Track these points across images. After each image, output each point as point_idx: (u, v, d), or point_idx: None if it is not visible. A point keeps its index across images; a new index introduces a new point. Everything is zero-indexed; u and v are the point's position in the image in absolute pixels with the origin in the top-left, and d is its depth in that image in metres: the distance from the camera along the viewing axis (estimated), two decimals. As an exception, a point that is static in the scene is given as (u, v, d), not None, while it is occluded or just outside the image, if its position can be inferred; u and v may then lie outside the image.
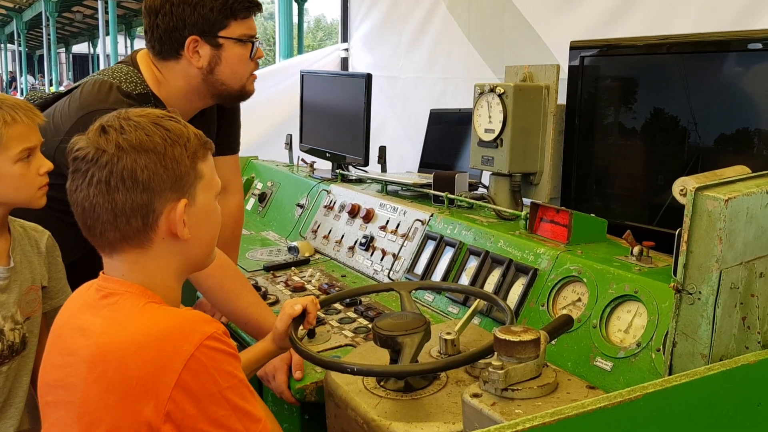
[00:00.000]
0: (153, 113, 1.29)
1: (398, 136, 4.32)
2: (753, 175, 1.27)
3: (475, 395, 1.24)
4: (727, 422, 1.12)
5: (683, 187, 1.19)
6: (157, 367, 1.14)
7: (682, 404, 1.05)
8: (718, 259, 1.14)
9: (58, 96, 2.04)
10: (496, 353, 1.25)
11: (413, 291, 1.85)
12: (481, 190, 2.63)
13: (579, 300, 1.79)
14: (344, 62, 4.81)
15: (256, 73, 2.06)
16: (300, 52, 18.20)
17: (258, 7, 1.96)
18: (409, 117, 4.23)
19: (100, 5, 16.50)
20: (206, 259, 1.39)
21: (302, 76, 3.48)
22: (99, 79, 1.91)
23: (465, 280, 2.10)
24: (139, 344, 1.16)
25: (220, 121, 2.21)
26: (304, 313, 1.66)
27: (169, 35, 1.91)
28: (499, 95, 2.28)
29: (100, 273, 1.31)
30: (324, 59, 4.83)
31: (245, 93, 2.03)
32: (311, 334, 1.96)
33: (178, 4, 1.87)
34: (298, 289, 2.39)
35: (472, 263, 2.12)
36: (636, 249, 1.82)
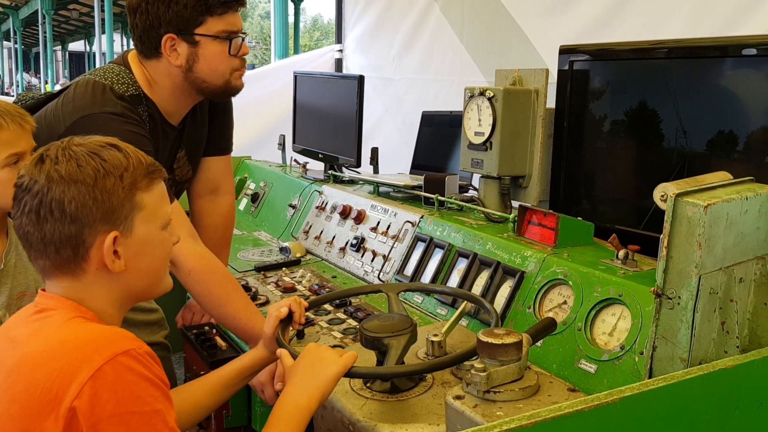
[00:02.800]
0: (95, 142, 1.28)
1: (392, 137, 4.34)
2: (733, 181, 1.29)
3: (458, 397, 1.26)
4: (704, 426, 1.13)
5: (664, 193, 1.21)
6: (63, 377, 1.10)
7: (659, 408, 1.07)
8: (697, 265, 1.16)
9: (51, 96, 2.04)
10: (479, 355, 1.27)
11: (401, 293, 1.86)
12: (471, 192, 2.65)
13: (565, 303, 1.80)
14: (338, 63, 4.82)
15: (249, 72, 2.05)
16: (296, 51, 18.23)
17: (238, 2, 1.92)
18: (403, 118, 4.25)
19: (96, 3, 16.47)
20: (150, 291, 1.37)
21: (295, 77, 3.49)
22: (91, 80, 1.91)
23: (454, 281, 2.12)
24: (52, 353, 1.14)
25: (212, 122, 2.21)
26: (291, 315, 1.66)
27: (147, 34, 1.90)
28: (489, 99, 2.29)
29: (39, 290, 1.31)
30: (318, 60, 4.84)
31: (231, 89, 2.00)
32: (300, 335, 1.97)
33: (153, 2, 1.86)
34: (289, 290, 2.40)
35: (461, 265, 2.13)
36: (621, 252, 1.83)
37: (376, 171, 3.20)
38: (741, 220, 1.21)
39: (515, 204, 2.43)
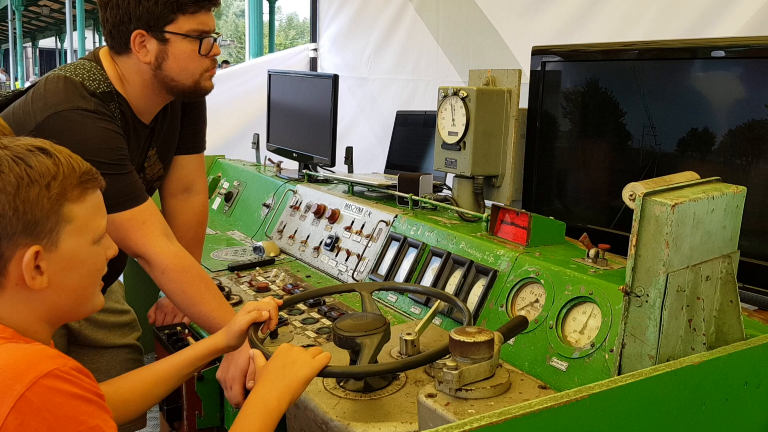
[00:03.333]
0: (24, 145, 1.18)
1: (367, 136, 4.35)
2: (701, 181, 1.31)
3: (430, 395, 1.26)
4: (672, 422, 1.15)
5: (632, 192, 1.23)
6: None
7: (627, 404, 1.09)
8: (665, 263, 1.17)
9: (19, 93, 2.01)
10: (451, 354, 1.28)
11: (374, 292, 1.87)
12: (445, 192, 2.66)
13: (537, 301, 1.82)
14: (313, 62, 4.81)
15: (223, 71, 2.03)
16: (271, 50, 18.18)
17: (211, 2, 1.90)
18: (378, 117, 4.26)
19: (67, 1, 16.27)
20: (77, 310, 1.28)
21: (270, 76, 3.48)
22: (62, 76, 1.88)
23: (428, 280, 2.12)
24: None
25: (184, 120, 2.19)
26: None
27: (117, 29, 1.87)
28: (462, 99, 2.31)
29: None
30: (293, 59, 4.83)
31: (200, 89, 1.97)
32: (274, 334, 1.97)
33: None
34: (262, 290, 2.39)
35: (435, 264, 2.14)
36: (592, 251, 1.85)
37: (350, 170, 3.20)
38: (708, 219, 1.23)
39: (489, 203, 2.45)
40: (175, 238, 1.92)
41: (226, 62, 16.05)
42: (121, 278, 2.43)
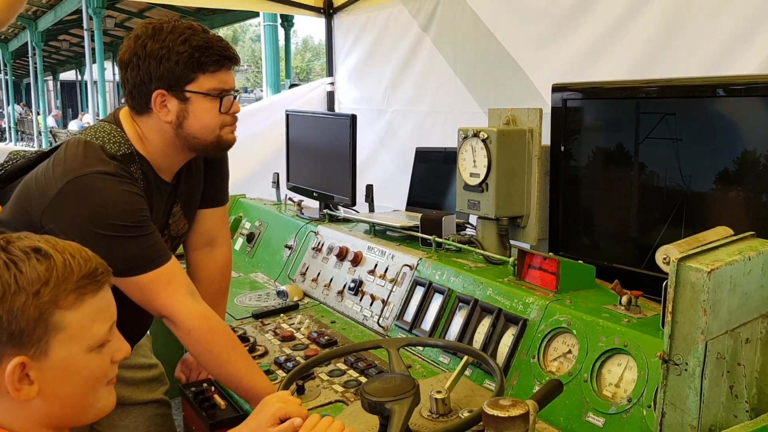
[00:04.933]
0: (24, 246, 1.14)
1: (388, 168, 4.34)
2: (735, 238, 1.27)
3: (466, 469, 1.23)
4: (718, 495, 1.11)
5: (666, 256, 1.19)
6: None
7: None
8: (703, 331, 1.14)
9: (42, 156, 2.02)
10: (485, 428, 1.24)
11: (402, 348, 1.83)
12: (468, 230, 2.63)
13: (569, 352, 1.78)
14: (330, 96, 4.82)
15: (243, 110, 2.01)
16: (287, 75, 18.26)
17: (232, 60, 1.90)
18: (399, 149, 4.24)
19: (86, 35, 16.51)
20: (79, 418, 1.22)
21: (287, 116, 3.48)
22: (82, 140, 1.89)
23: (455, 328, 2.09)
24: None
25: (207, 175, 2.19)
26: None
27: (138, 89, 1.88)
28: (483, 140, 2.28)
29: None
30: (310, 94, 4.84)
31: (223, 144, 1.97)
32: (300, 390, 1.94)
33: (145, 57, 1.84)
34: (287, 339, 2.37)
35: (462, 311, 2.11)
36: (624, 298, 1.81)
37: (371, 209, 3.18)
38: (745, 281, 1.19)
39: (515, 243, 2.42)
40: (200, 297, 1.91)
41: (244, 89, 16.19)
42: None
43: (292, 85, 10.41)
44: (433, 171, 3.17)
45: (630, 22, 2.89)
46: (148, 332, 2.40)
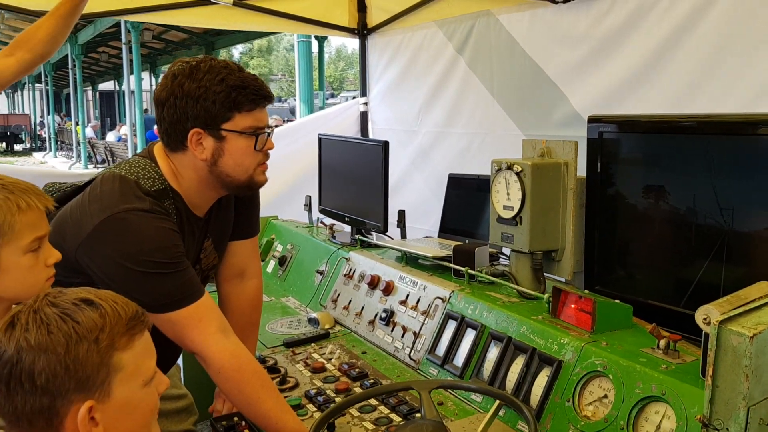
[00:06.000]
0: (70, 299, 1.21)
1: (420, 189, 4.32)
2: (779, 296, 1.23)
3: None
4: None
5: (707, 316, 1.16)
6: None
7: None
8: (744, 396, 1.10)
9: (77, 189, 2.04)
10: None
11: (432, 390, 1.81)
12: (502, 261, 2.60)
13: (605, 396, 1.74)
14: (363, 116, 4.82)
15: (277, 130, 2.01)
16: (321, 86, 18.37)
17: (266, 99, 1.92)
18: (432, 171, 4.22)
19: (124, 48, 16.81)
20: None
21: (320, 140, 3.49)
22: (117, 175, 1.91)
23: (488, 367, 2.06)
24: None
25: (237, 206, 2.20)
26: None
27: (173, 127, 1.89)
28: (517, 173, 2.25)
29: None
30: (343, 114, 4.85)
31: (254, 184, 1.99)
32: (331, 427, 1.93)
33: (182, 97, 1.85)
34: (318, 370, 2.36)
35: (495, 349, 2.08)
36: (662, 342, 1.77)
37: (403, 234, 3.17)
38: (790, 343, 1.15)
39: (549, 276, 2.38)
40: (232, 332, 1.91)
41: (278, 98, 16.29)
42: (180, 360, 2.44)
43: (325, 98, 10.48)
44: (466, 198, 3.14)
45: (675, 47, 2.84)
46: (177, 362, 2.42)
